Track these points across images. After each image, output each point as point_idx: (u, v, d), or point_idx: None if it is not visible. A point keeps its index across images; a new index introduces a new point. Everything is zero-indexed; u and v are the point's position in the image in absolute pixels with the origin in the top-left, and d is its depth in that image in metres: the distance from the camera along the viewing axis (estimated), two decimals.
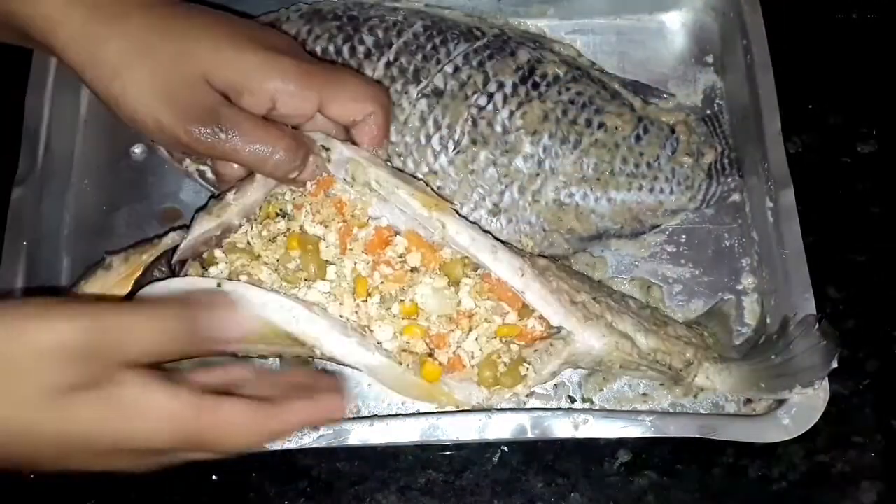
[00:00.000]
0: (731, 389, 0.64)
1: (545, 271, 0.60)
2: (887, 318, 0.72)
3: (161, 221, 0.72)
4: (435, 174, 0.68)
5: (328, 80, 0.60)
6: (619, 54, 0.78)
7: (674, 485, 0.67)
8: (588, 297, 0.61)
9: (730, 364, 0.64)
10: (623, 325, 0.61)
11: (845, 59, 0.80)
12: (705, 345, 0.64)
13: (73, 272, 0.70)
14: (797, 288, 0.65)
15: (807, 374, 0.61)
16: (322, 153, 0.60)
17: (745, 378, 0.63)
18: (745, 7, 0.75)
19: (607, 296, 0.63)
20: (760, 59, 0.72)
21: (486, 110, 0.69)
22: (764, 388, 0.63)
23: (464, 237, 0.59)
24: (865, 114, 0.78)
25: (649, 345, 0.62)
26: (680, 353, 0.62)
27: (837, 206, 0.75)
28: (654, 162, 0.71)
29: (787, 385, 0.61)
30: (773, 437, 0.62)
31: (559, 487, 0.67)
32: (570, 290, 0.60)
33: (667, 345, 0.62)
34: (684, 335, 0.64)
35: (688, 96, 0.77)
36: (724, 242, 0.72)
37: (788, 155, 0.70)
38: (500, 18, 0.76)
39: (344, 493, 0.67)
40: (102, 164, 0.74)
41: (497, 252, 0.59)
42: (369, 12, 0.72)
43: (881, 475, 0.67)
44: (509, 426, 0.62)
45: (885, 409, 0.69)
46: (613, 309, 0.62)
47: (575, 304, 0.60)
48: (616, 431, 0.62)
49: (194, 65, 0.57)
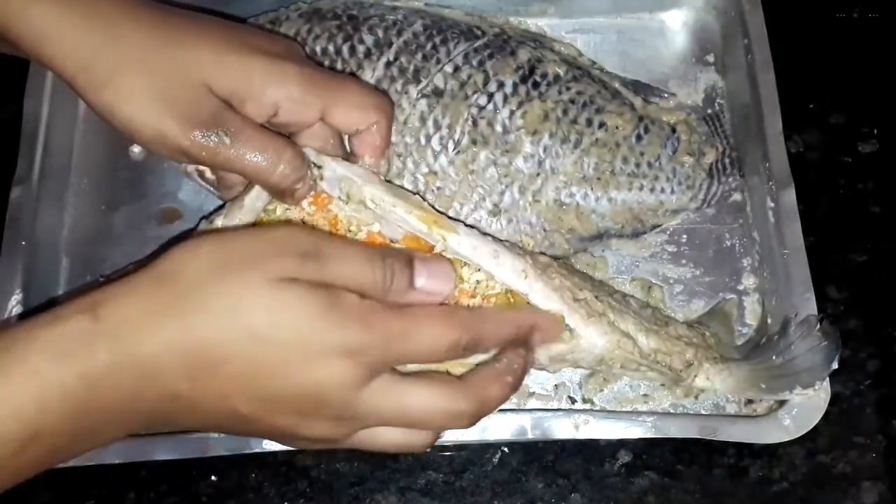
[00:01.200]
0: (732, 390, 0.64)
1: (547, 268, 0.60)
2: (889, 318, 0.72)
3: (160, 221, 0.72)
4: (435, 174, 0.68)
5: (332, 87, 0.59)
6: (619, 53, 0.78)
7: (675, 485, 0.66)
8: (590, 295, 0.60)
9: (730, 364, 0.64)
10: (625, 324, 0.61)
11: (846, 59, 0.80)
12: (706, 345, 0.64)
13: (72, 272, 0.70)
14: (798, 288, 0.65)
15: (807, 375, 0.61)
16: (314, 170, 0.58)
17: (746, 378, 0.63)
18: (746, 6, 0.74)
19: (609, 295, 0.63)
20: (761, 59, 0.72)
21: (486, 110, 0.69)
22: (764, 388, 0.62)
23: (465, 247, 0.57)
24: (867, 113, 0.78)
25: (650, 345, 0.61)
26: (680, 354, 0.62)
27: (838, 206, 0.75)
28: (654, 161, 0.71)
29: (788, 386, 0.61)
30: (774, 437, 0.62)
31: (559, 488, 0.67)
32: (572, 288, 0.60)
33: (667, 345, 0.62)
34: (685, 335, 0.63)
35: (689, 95, 0.76)
36: (725, 242, 0.72)
37: (789, 154, 0.70)
38: (501, 17, 0.76)
39: (343, 493, 0.66)
40: (101, 163, 0.73)
41: (499, 257, 0.58)
42: (369, 11, 0.72)
43: (882, 476, 0.67)
44: (510, 427, 0.62)
45: (887, 409, 0.69)
46: (615, 308, 0.61)
47: (578, 302, 0.59)
48: (617, 432, 0.62)
49: (195, 71, 0.55)
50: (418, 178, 0.68)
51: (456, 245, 0.57)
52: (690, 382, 0.63)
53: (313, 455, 0.67)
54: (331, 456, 0.67)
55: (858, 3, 0.82)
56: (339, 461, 0.67)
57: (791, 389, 0.61)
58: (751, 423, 0.63)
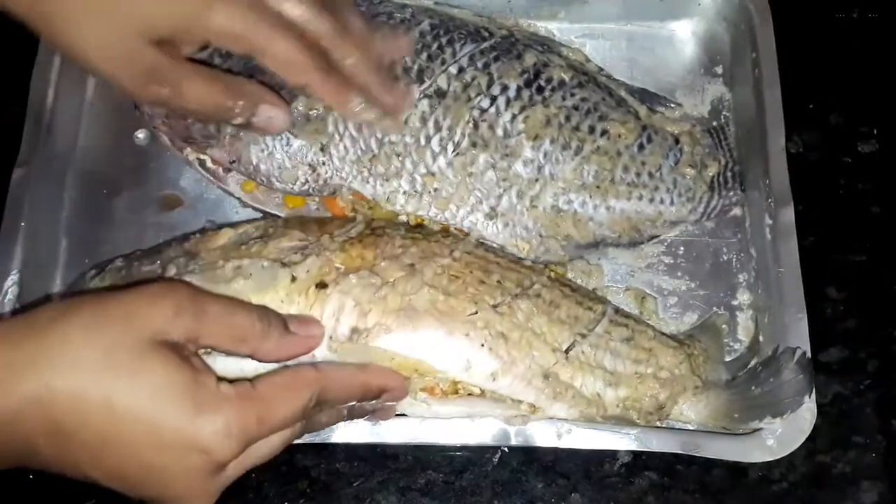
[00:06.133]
0: (705, 420, 0.64)
1: (523, 331, 0.61)
2: (888, 318, 0.73)
3: (161, 207, 0.73)
4: (433, 175, 0.68)
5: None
6: (627, 61, 0.78)
7: (674, 485, 0.67)
8: (562, 357, 0.62)
9: (709, 394, 0.64)
10: (594, 384, 0.62)
11: (846, 59, 0.80)
12: (690, 369, 0.64)
13: (71, 254, 0.71)
14: (791, 308, 0.66)
15: (780, 406, 0.62)
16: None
17: (721, 408, 0.64)
18: (756, 19, 0.75)
19: (588, 331, 0.63)
20: (769, 74, 0.73)
21: (488, 113, 0.69)
22: (737, 418, 0.63)
23: (442, 366, 0.60)
24: (866, 113, 0.79)
25: (620, 395, 0.62)
26: (653, 397, 0.63)
27: (838, 206, 0.76)
28: (655, 172, 0.71)
29: (759, 416, 0.62)
30: (756, 457, 0.63)
31: (559, 488, 0.67)
32: (541, 356, 0.61)
33: (640, 390, 0.63)
34: (667, 365, 0.64)
35: (695, 106, 0.77)
36: (722, 256, 0.73)
37: (790, 155, 0.71)
38: (510, 19, 0.77)
39: (343, 493, 0.67)
40: (105, 147, 0.74)
41: (470, 368, 0.60)
42: (378, 8, 0.72)
43: (882, 475, 0.68)
44: (492, 432, 0.63)
45: (886, 409, 0.70)
46: (589, 361, 0.62)
47: (546, 380, 0.61)
48: (599, 443, 0.63)
49: (129, 23, 0.56)
50: (416, 179, 0.68)
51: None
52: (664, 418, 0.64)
53: (313, 455, 0.68)
54: (331, 455, 0.68)
55: (858, 3, 0.82)
56: (339, 461, 0.68)
57: (761, 419, 0.62)
58: (734, 441, 0.63)
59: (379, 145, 0.68)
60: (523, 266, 0.66)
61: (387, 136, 0.68)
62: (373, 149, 0.68)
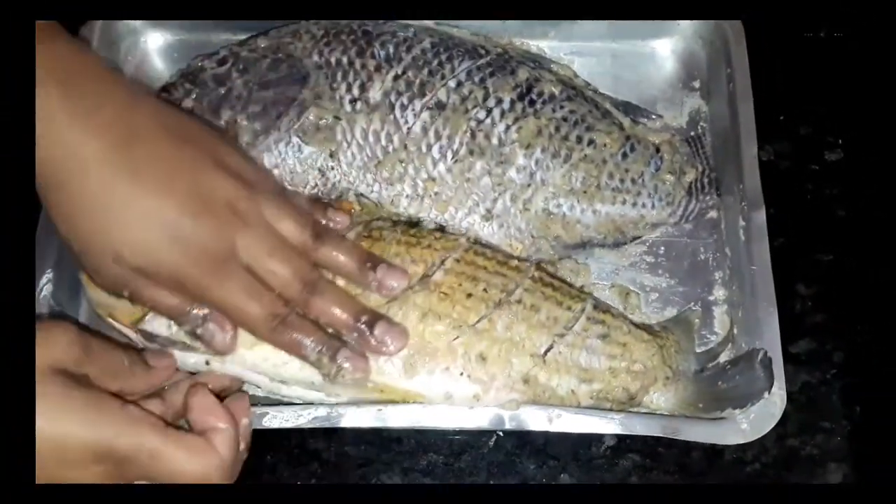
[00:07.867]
0: (673, 409, 0.67)
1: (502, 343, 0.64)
2: (852, 313, 0.75)
3: None
4: (433, 181, 0.71)
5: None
6: (612, 76, 0.81)
7: (656, 466, 0.70)
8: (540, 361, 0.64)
9: (678, 384, 0.67)
10: (569, 382, 0.65)
11: (814, 74, 0.83)
12: (662, 359, 0.67)
13: None
14: (762, 303, 0.68)
15: (741, 400, 0.64)
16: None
17: (687, 399, 0.66)
18: (731, 38, 0.78)
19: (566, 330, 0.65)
20: (742, 88, 0.75)
21: (484, 124, 0.72)
22: (702, 408, 0.66)
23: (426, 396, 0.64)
24: (832, 125, 0.81)
25: (593, 388, 0.65)
26: (625, 389, 0.65)
27: (806, 210, 0.79)
28: (638, 178, 0.74)
29: (721, 408, 0.65)
30: (731, 440, 0.65)
31: (550, 469, 0.70)
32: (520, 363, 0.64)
33: (613, 383, 0.65)
34: (640, 359, 0.66)
35: (674, 118, 0.80)
36: (699, 256, 0.75)
37: (762, 163, 0.73)
38: (505, 38, 0.79)
39: (351, 473, 0.69)
40: None
41: (452, 398, 0.64)
42: (383, 28, 0.75)
43: (846, 458, 0.70)
44: (488, 417, 0.64)
45: (851, 396, 0.72)
46: (566, 361, 0.65)
47: (527, 384, 0.64)
48: (587, 427, 0.64)
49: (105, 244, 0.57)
50: (418, 184, 0.72)
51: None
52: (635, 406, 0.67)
53: (324, 439, 0.70)
54: (340, 439, 0.70)
55: (825, 23, 0.85)
56: (347, 444, 0.70)
57: (723, 410, 0.65)
58: (711, 425, 0.65)
59: (384, 152, 0.71)
60: (509, 268, 0.68)
61: (391, 144, 0.71)
62: (378, 156, 0.71)
